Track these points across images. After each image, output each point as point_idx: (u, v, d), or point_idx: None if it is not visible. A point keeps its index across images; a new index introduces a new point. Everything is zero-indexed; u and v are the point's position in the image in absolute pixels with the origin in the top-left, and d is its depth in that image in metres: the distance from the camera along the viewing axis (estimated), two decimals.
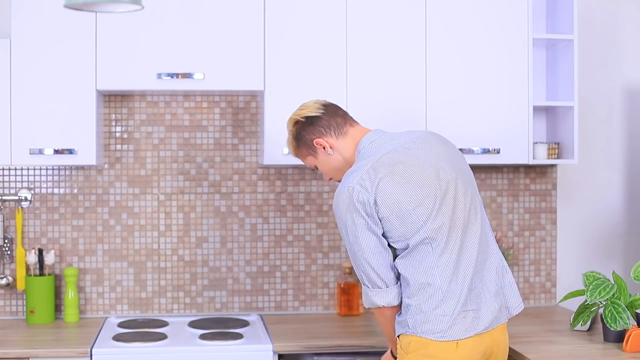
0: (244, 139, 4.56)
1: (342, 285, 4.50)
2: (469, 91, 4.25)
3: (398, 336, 3.28)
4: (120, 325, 4.30)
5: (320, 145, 3.40)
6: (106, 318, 4.48)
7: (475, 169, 4.68)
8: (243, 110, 4.57)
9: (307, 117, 3.40)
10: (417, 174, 3.20)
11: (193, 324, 4.29)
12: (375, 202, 3.16)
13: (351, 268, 4.50)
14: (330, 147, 3.39)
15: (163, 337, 4.00)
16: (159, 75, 4.09)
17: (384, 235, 3.24)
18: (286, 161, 4.17)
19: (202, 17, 4.11)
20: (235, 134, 4.56)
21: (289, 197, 4.59)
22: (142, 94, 4.51)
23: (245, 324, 4.30)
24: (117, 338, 3.97)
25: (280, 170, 4.58)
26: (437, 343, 3.16)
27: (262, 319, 4.44)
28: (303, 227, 4.61)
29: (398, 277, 3.27)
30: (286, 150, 4.15)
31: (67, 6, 3.31)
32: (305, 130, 3.42)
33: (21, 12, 4.06)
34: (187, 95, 4.52)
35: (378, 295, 3.27)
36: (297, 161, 4.17)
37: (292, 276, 4.61)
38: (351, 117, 3.44)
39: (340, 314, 4.52)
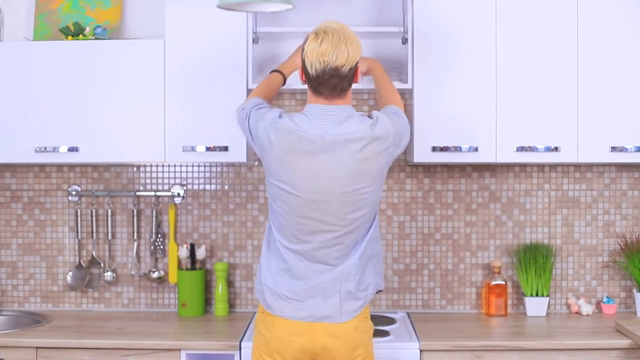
0: None
1: (490, 285, 4.45)
2: (624, 86, 4.14)
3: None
4: None
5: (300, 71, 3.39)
6: (255, 312, 4.54)
7: (631, 167, 4.55)
8: None
9: (304, 60, 3.32)
10: (294, 173, 3.29)
11: None
12: (260, 140, 3.34)
13: (500, 267, 4.45)
14: (303, 81, 3.37)
15: None
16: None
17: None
18: (435, 159, 4.14)
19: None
20: None
21: (437, 195, 4.57)
22: (292, 92, 4.55)
23: (392, 321, 4.30)
24: None
25: (428, 168, 4.56)
26: None
27: (409, 317, 4.43)
28: (451, 225, 4.58)
29: None
30: (434, 148, 4.12)
31: (220, 6, 3.38)
32: (306, 44, 3.33)
33: (175, 13, 4.15)
34: None
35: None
36: (446, 159, 4.14)
37: (440, 274, 4.58)
38: (337, 91, 3.31)
39: (488, 314, 4.47)
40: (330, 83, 3.28)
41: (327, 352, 3.32)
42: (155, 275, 4.56)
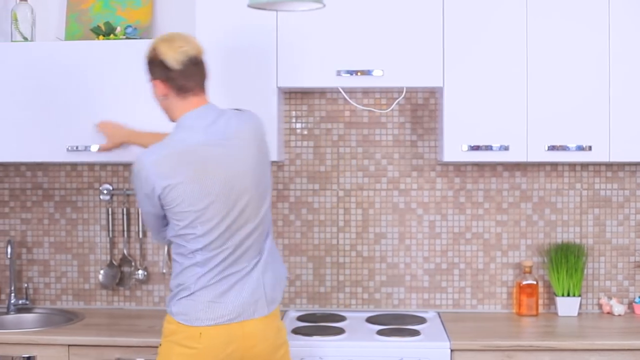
0: (422, 136, 4.55)
1: (521, 285, 4.43)
2: None
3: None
4: (300, 318, 4.36)
5: (156, 87, 3.40)
6: (286, 311, 4.55)
7: None
8: (422, 107, 4.56)
9: (162, 62, 3.34)
10: (211, 183, 3.27)
11: (371, 320, 4.30)
12: (163, 191, 3.26)
13: (531, 267, 4.43)
14: (164, 95, 3.39)
15: (341, 331, 4.04)
16: (339, 73, 4.12)
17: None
18: (465, 158, 4.13)
19: (381, 15, 4.12)
20: (414, 131, 4.56)
21: (468, 194, 4.55)
22: (322, 91, 4.56)
23: (422, 321, 4.29)
24: (297, 331, 4.03)
25: (459, 167, 4.55)
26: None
27: (440, 317, 4.42)
28: (482, 224, 4.56)
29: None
30: (465, 147, 4.11)
31: (250, 6, 3.38)
32: (154, 66, 3.38)
33: (205, 13, 4.16)
34: (366, 92, 4.54)
35: None
36: (477, 158, 4.13)
37: (470, 274, 4.57)
38: (203, 84, 3.40)
39: (519, 314, 4.45)
40: (197, 75, 3.36)
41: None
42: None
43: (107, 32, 4.31)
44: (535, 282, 4.42)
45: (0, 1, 4.43)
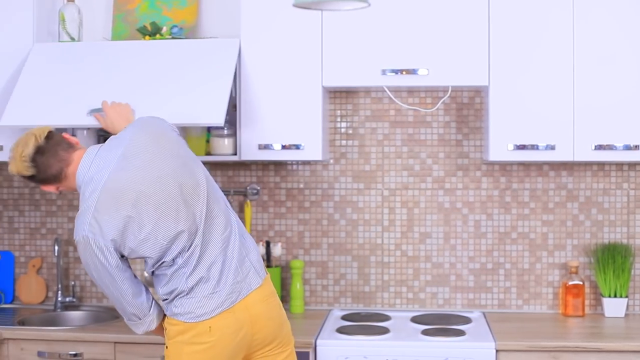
0: (468, 135, 4.53)
1: (567, 285, 4.40)
2: None
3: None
4: (344, 317, 4.36)
5: (46, 190, 3.47)
6: (330, 310, 4.55)
7: None
8: (467, 106, 4.54)
9: (23, 176, 3.39)
10: (147, 200, 3.26)
11: (415, 319, 4.30)
12: (114, 242, 3.23)
13: (577, 267, 4.39)
14: (56, 190, 3.46)
15: (385, 331, 4.03)
16: (384, 72, 4.12)
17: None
18: (511, 157, 4.11)
19: (426, 13, 4.11)
20: (460, 130, 4.54)
21: (514, 193, 4.53)
22: (367, 90, 4.55)
23: (467, 321, 4.28)
24: (341, 330, 4.03)
25: (504, 167, 4.52)
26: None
27: (485, 317, 4.40)
28: (528, 224, 4.53)
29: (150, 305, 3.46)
30: (511, 146, 4.09)
31: (296, 5, 3.38)
32: (29, 180, 3.43)
33: (250, 13, 4.18)
34: (411, 91, 4.53)
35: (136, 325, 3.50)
36: (523, 157, 4.10)
37: (516, 274, 4.54)
38: (65, 152, 3.39)
39: (565, 315, 4.42)
40: (52, 157, 3.37)
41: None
42: None
43: (153, 32, 4.34)
44: (581, 283, 4.39)
45: (48, 2, 4.47)
